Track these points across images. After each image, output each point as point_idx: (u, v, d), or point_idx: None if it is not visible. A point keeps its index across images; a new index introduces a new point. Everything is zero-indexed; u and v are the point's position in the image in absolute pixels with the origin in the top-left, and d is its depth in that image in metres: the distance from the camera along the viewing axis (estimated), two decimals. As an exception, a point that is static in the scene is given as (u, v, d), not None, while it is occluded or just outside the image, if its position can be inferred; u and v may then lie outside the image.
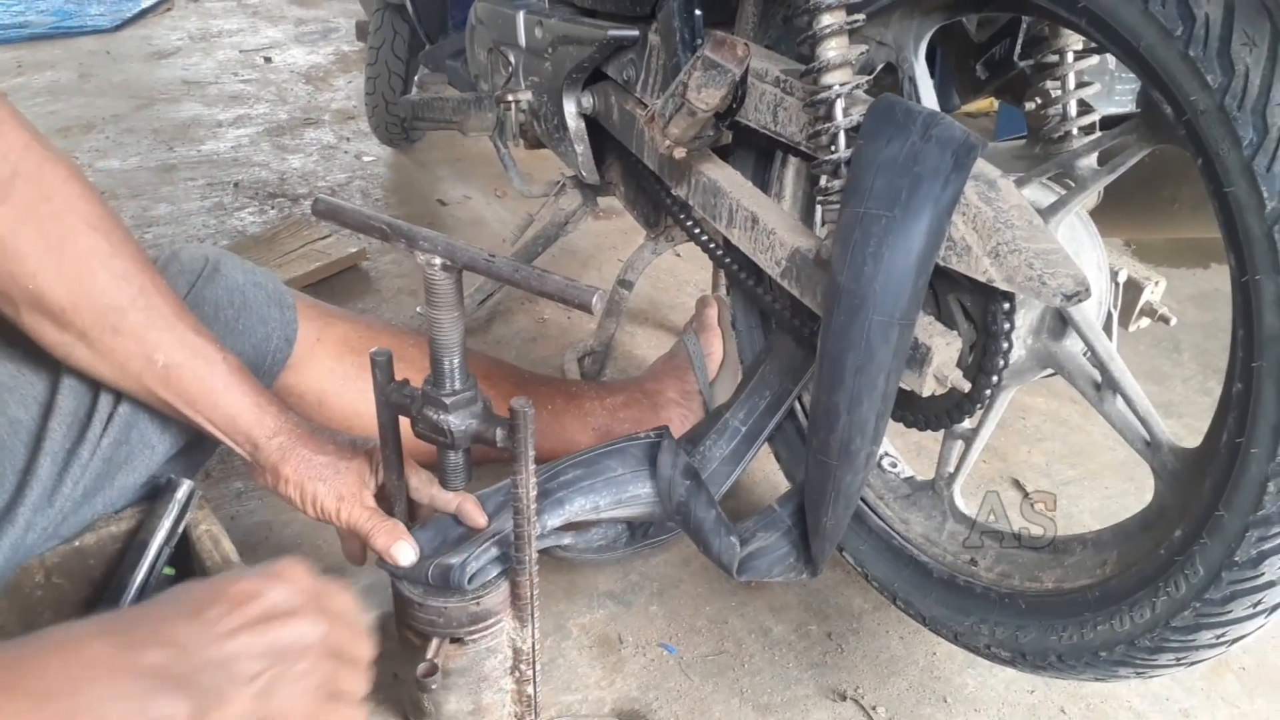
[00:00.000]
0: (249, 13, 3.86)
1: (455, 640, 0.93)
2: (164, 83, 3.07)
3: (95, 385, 0.93)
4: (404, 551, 0.92)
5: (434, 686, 0.93)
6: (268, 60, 3.29)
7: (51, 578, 0.94)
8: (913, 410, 0.97)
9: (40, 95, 2.92)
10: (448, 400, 0.88)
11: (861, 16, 0.90)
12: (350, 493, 0.93)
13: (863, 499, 1.07)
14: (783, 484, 1.28)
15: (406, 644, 0.96)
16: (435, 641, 0.92)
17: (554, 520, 1.01)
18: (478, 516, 0.96)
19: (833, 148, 0.90)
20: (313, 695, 0.66)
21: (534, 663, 0.98)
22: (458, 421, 0.88)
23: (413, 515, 0.99)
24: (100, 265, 0.86)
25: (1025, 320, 0.90)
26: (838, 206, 0.89)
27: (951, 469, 1.03)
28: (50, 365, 0.92)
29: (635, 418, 1.35)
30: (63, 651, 0.55)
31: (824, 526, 0.96)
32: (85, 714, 0.53)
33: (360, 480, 0.94)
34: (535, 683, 0.99)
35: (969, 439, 1.01)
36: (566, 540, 1.13)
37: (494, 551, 0.94)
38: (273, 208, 2.24)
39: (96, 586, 0.96)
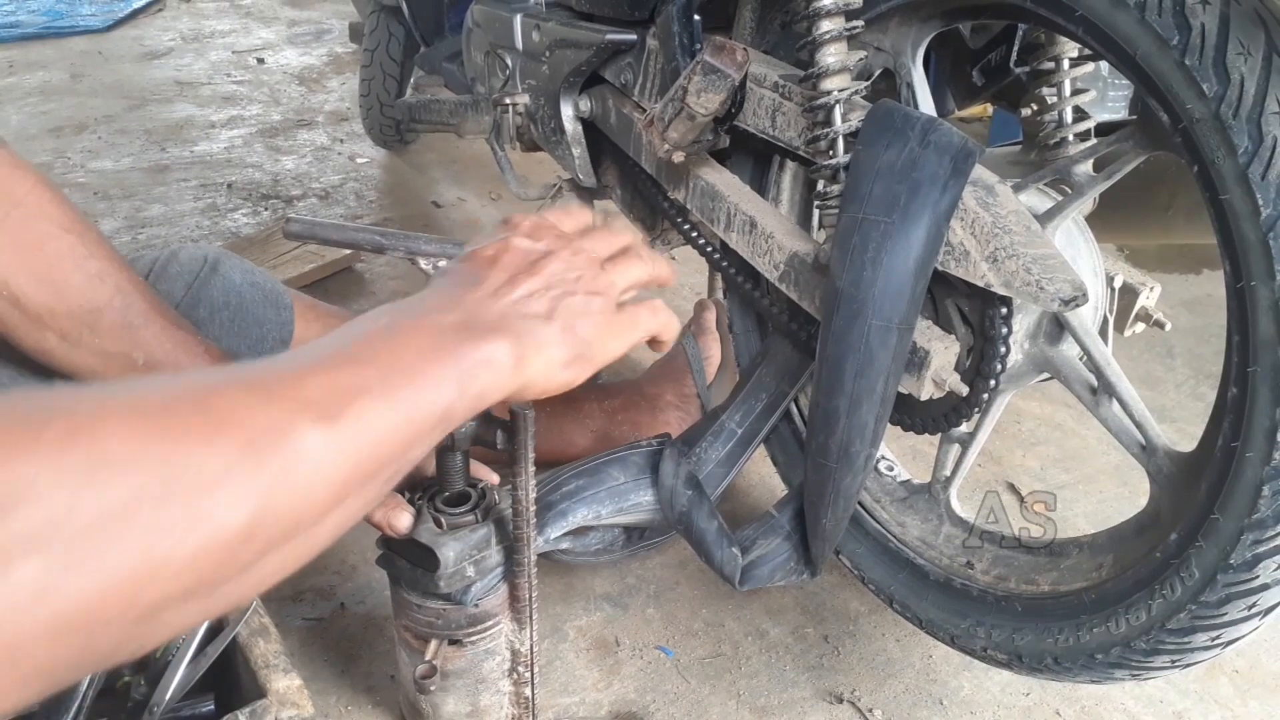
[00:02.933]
0: (241, 14, 3.85)
1: (454, 642, 0.93)
2: (156, 83, 3.06)
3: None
4: (403, 520, 0.89)
5: (432, 688, 0.93)
6: (261, 61, 3.29)
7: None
8: (910, 414, 0.97)
9: (32, 95, 2.91)
10: (447, 403, 0.88)
11: (860, 23, 0.90)
12: None
13: (859, 502, 1.07)
14: (778, 486, 1.28)
15: (405, 645, 0.96)
16: (434, 643, 0.93)
17: (556, 531, 1.01)
18: None
19: (831, 153, 0.91)
20: (604, 314, 0.67)
21: (532, 665, 0.98)
22: (457, 424, 0.88)
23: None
24: (75, 267, 0.86)
25: (1022, 325, 0.91)
26: (836, 211, 0.89)
27: (948, 472, 1.04)
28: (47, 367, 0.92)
29: (633, 420, 1.35)
30: (384, 328, 0.56)
31: (823, 528, 0.97)
32: (419, 368, 0.54)
33: None
34: (533, 685, 0.99)
35: (965, 443, 1.02)
36: (564, 544, 1.13)
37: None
38: (266, 209, 2.24)
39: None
